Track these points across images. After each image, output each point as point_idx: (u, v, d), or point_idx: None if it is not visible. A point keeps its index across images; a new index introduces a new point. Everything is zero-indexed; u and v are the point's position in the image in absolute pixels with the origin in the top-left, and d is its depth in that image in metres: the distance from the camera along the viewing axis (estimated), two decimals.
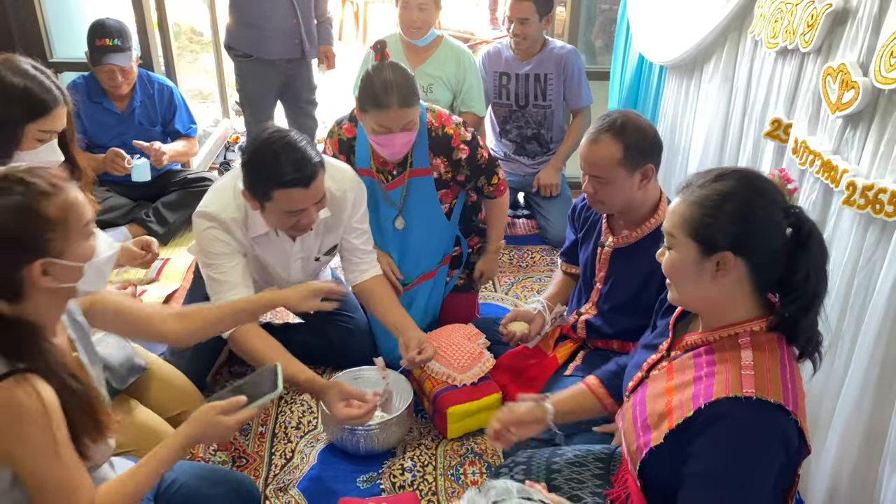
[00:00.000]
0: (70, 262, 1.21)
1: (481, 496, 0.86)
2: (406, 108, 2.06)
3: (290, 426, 2.16)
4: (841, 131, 1.63)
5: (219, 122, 4.67)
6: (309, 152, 1.82)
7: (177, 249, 3.23)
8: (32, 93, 1.66)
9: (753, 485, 1.16)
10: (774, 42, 1.88)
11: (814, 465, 1.77)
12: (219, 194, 1.99)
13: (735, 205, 1.21)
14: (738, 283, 1.24)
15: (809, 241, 1.21)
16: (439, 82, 3.05)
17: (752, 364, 1.20)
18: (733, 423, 1.16)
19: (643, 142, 1.82)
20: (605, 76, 3.50)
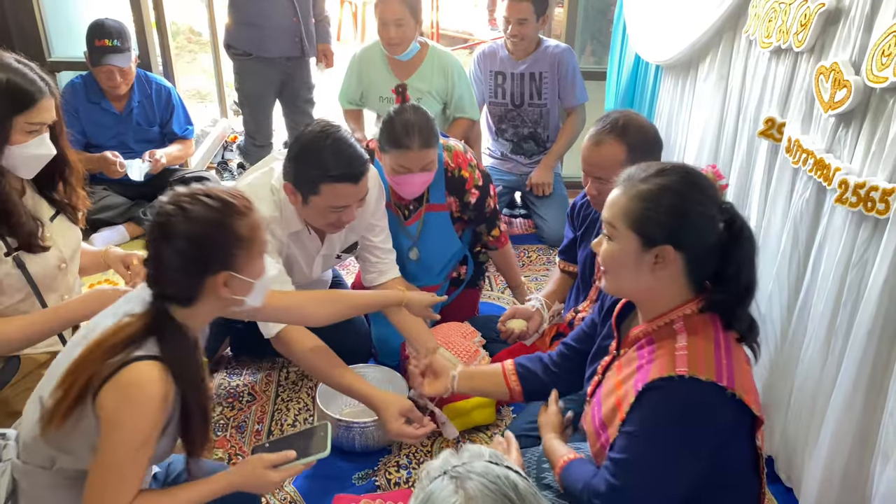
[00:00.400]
0: (247, 278, 1.34)
1: (455, 457, 0.89)
2: (426, 150, 2.10)
3: (286, 423, 2.17)
4: (833, 130, 1.64)
5: (217, 121, 4.68)
6: (359, 149, 1.84)
7: None
8: (17, 85, 1.64)
9: (677, 449, 1.23)
10: (768, 41, 1.89)
11: (807, 459, 1.78)
12: (257, 193, 1.94)
13: (676, 200, 1.26)
14: (675, 276, 1.29)
15: (741, 236, 1.27)
16: (428, 96, 3.01)
17: (685, 345, 1.25)
18: (664, 393, 1.23)
19: (645, 141, 1.83)
20: (601, 76, 3.51)
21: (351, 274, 2.97)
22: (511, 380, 1.71)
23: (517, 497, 0.83)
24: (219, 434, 2.12)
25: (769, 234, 1.92)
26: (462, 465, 0.87)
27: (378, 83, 3.04)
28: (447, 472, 0.86)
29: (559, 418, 1.58)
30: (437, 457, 0.92)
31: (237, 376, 2.37)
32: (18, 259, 1.72)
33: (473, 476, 0.84)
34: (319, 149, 1.79)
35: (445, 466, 0.88)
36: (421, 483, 0.89)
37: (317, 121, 1.88)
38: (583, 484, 1.33)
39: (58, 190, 1.85)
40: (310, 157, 1.80)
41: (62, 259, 1.84)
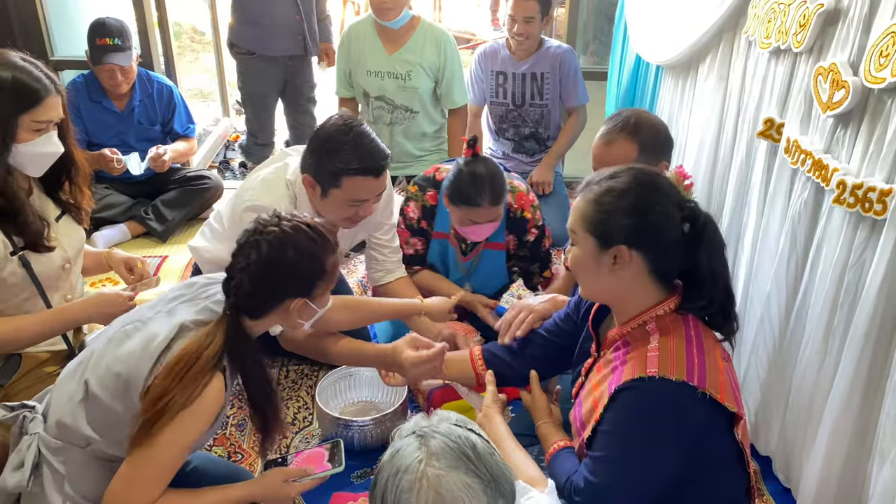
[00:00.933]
0: (317, 308, 1.46)
1: (425, 419, 0.98)
2: (496, 207, 2.09)
3: (285, 422, 2.17)
4: (832, 130, 1.64)
5: (219, 120, 4.69)
6: (380, 143, 1.85)
7: (175, 247, 3.25)
8: (22, 83, 1.64)
9: (649, 447, 1.26)
10: (767, 42, 1.90)
11: (804, 459, 1.79)
12: (271, 188, 1.95)
13: (628, 200, 1.29)
14: (638, 275, 1.32)
15: (704, 234, 1.29)
16: (418, 68, 2.97)
17: (657, 346, 1.28)
18: (635, 393, 1.26)
19: (657, 140, 1.84)
20: (602, 76, 3.51)
21: (352, 273, 2.98)
22: (477, 364, 1.73)
23: (475, 455, 0.92)
24: (218, 432, 2.12)
25: (768, 235, 1.92)
26: (428, 425, 0.96)
27: (367, 55, 3.00)
28: (415, 432, 0.95)
29: (545, 399, 1.61)
30: (410, 421, 1.00)
31: None
32: (24, 258, 1.72)
33: (437, 435, 0.93)
34: (342, 142, 1.80)
35: (415, 427, 0.97)
36: (393, 441, 0.98)
37: (338, 114, 1.89)
38: (566, 478, 1.36)
39: (63, 189, 1.85)
40: (332, 150, 1.81)
41: (67, 259, 1.85)
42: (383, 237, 2.20)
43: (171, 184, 3.36)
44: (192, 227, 3.42)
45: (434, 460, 0.89)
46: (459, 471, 0.89)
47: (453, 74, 3.04)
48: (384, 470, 0.92)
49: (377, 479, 0.93)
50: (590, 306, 1.53)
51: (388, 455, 0.93)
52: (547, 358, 1.68)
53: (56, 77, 1.73)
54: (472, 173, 2.05)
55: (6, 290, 1.71)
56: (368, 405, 2.18)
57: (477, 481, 0.89)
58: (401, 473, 0.89)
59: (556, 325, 1.66)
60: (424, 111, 3.08)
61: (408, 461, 0.90)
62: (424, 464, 0.89)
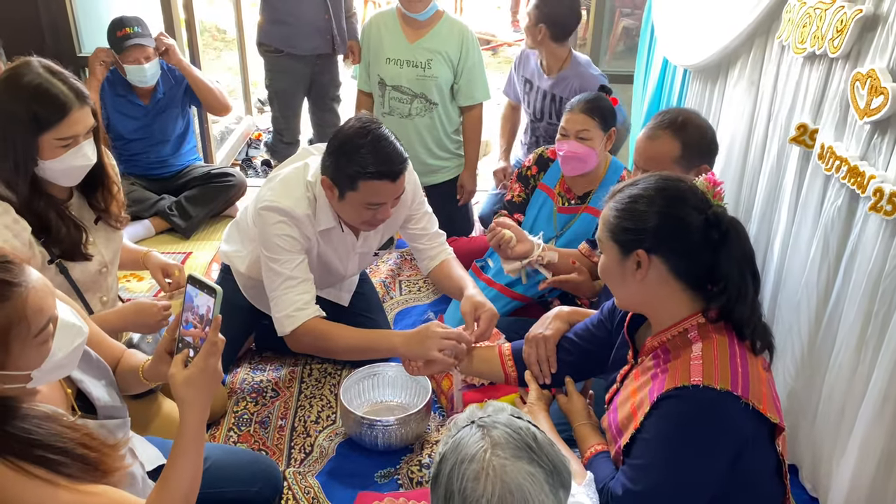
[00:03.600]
0: (12, 373, 1.12)
1: (480, 410, 0.99)
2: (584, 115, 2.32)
3: (309, 420, 2.18)
4: (868, 137, 1.62)
5: (241, 119, 4.71)
6: (399, 146, 1.84)
7: (199, 244, 3.27)
8: (40, 103, 1.60)
9: (693, 457, 1.24)
10: (802, 47, 1.88)
11: (833, 469, 1.77)
12: (290, 188, 1.95)
13: (645, 205, 1.30)
14: (664, 281, 1.31)
15: (728, 239, 1.28)
16: (439, 57, 2.93)
17: (700, 355, 1.27)
18: (680, 402, 1.25)
19: (702, 141, 1.83)
20: (628, 80, 3.49)
21: (374, 274, 2.98)
22: (507, 365, 1.75)
23: (537, 446, 0.92)
24: (242, 429, 2.13)
25: (798, 242, 1.90)
26: (487, 416, 0.96)
27: (386, 43, 2.98)
28: (474, 422, 0.95)
29: (583, 403, 1.61)
30: (465, 412, 1.01)
31: (261, 372, 2.39)
32: (61, 265, 1.74)
33: (499, 425, 0.93)
34: (359, 145, 1.79)
35: (472, 417, 0.97)
36: (449, 433, 0.98)
37: (357, 116, 1.88)
38: (602, 484, 1.35)
39: (96, 196, 1.86)
40: (349, 153, 1.81)
41: (104, 264, 1.86)
42: (418, 226, 2.19)
43: (194, 181, 3.39)
44: (216, 224, 3.44)
45: (498, 450, 0.90)
46: (523, 460, 0.90)
47: (474, 67, 2.99)
48: (447, 460, 0.92)
49: (439, 469, 0.93)
50: (625, 314, 1.53)
51: (451, 446, 0.93)
52: (576, 363, 1.67)
53: (82, 86, 1.71)
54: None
55: None
56: (392, 405, 2.19)
57: (540, 471, 0.90)
58: (466, 463, 0.89)
59: (588, 331, 1.66)
60: (443, 104, 3.02)
61: (472, 451, 0.90)
62: (490, 453, 0.90)
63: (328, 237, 2.04)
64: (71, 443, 1.14)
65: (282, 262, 1.92)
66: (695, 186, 1.34)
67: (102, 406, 1.33)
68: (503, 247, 2.13)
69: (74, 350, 1.20)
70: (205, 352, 1.21)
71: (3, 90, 1.63)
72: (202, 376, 1.21)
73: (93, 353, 1.37)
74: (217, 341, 1.21)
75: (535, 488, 0.88)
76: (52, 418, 1.17)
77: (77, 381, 1.32)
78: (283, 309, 1.90)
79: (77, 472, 1.13)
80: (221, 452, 1.72)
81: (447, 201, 3.11)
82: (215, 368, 1.22)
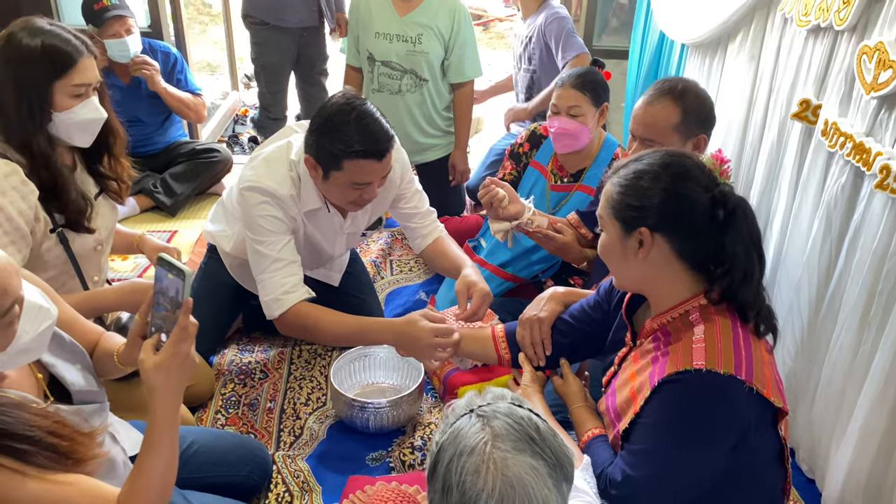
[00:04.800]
0: None
1: (479, 397, 0.95)
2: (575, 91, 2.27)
3: (298, 402, 2.14)
4: (875, 112, 1.57)
5: (227, 94, 4.62)
6: (385, 124, 1.77)
7: (184, 222, 3.20)
8: (53, 48, 1.58)
9: (695, 442, 1.20)
10: (806, 20, 1.82)
11: (832, 451, 1.74)
12: (273, 168, 1.88)
13: (650, 181, 1.25)
14: (667, 261, 1.27)
15: (734, 218, 1.24)
16: (429, 32, 2.85)
17: (702, 338, 1.23)
18: (682, 387, 1.20)
19: (701, 109, 1.78)
20: (623, 55, 3.43)
21: (365, 253, 2.93)
22: (501, 346, 1.70)
23: (539, 437, 0.88)
24: (230, 412, 2.09)
25: (799, 220, 1.87)
26: (487, 405, 0.91)
27: (376, 17, 2.89)
28: (473, 411, 0.90)
29: (579, 385, 1.57)
30: (463, 398, 0.96)
31: (249, 353, 2.34)
32: (62, 235, 1.69)
33: (499, 415, 0.89)
34: (344, 122, 1.72)
35: (471, 405, 0.92)
36: (446, 420, 0.93)
37: (341, 92, 1.80)
38: (600, 469, 1.31)
39: (103, 162, 1.80)
40: (333, 131, 1.73)
41: (100, 241, 1.81)
42: (408, 205, 2.12)
43: (179, 157, 3.31)
44: (202, 202, 3.37)
45: (499, 442, 0.85)
46: (525, 453, 0.85)
47: (466, 42, 2.91)
48: (445, 451, 0.88)
49: (437, 459, 0.89)
50: (623, 295, 1.48)
51: (449, 436, 0.89)
52: (572, 344, 1.63)
53: (87, 39, 1.67)
54: None
55: (40, 265, 1.67)
56: (384, 387, 2.14)
57: (542, 463, 0.86)
58: (465, 455, 0.85)
59: (584, 312, 1.61)
60: (434, 81, 2.95)
61: (472, 443, 0.86)
62: (490, 446, 0.85)
63: (314, 218, 1.98)
64: (40, 431, 1.08)
65: (267, 243, 1.86)
66: (702, 163, 1.29)
67: (77, 391, 1.27)
68: (495, 205, 2.06)
69: (42, 333, 1.14)
70: (175, 337, 1.14)
71: (14, 38, 1.59)
72: (173, 362, 1.14)
73: (66, 335, 1.31)
74: (188, 325, 1.14)
75: (538, 483, 0.84)
76: (20, 405, 1.10)
77: (49, 365, 1.25)
78: (271, 292, 1.85)
79: (47, 461, 1.07)
80: (209, 436, 1.68)
81: (438, 180, 3.04)
82: (187, 354, 1.15)
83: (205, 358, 2.15)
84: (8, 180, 1.57)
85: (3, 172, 1.56)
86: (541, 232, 2.08)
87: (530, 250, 2.44)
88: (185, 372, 1.16)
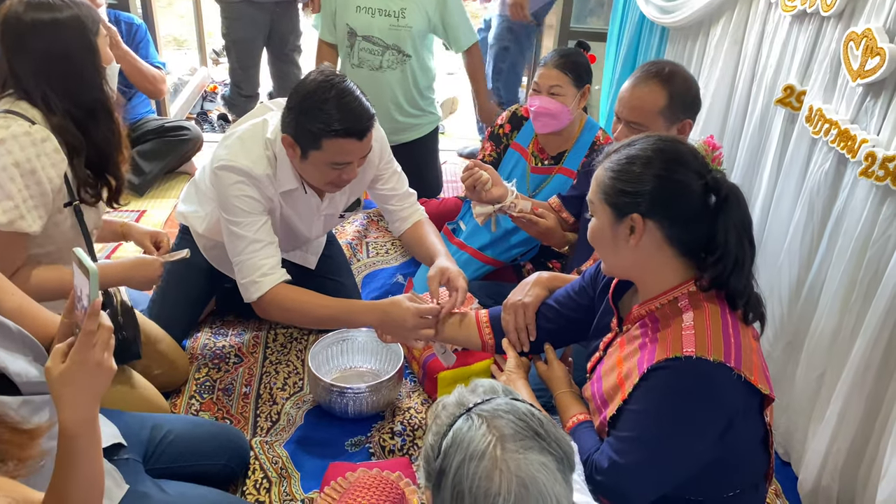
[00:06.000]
0: None
1: (472, 393, 0.91)
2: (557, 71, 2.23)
3: (275, 387, 2.10)
4: (860, 100, 1.58)
5: (196, 70, 4.49)
6: (365, 101, 1.71)
7: (154, 201, 3.11)
8: (83, 7, 1.60)
9: (683, 429, 1.20)
10: (792, 5, 1.82)
11: (810, 436, 1.77)
12: (248, 146, 1.81)
13: (643, 168, 1.23)
14: (658, 248, 1.26)
15: (727, 205, 1.23)
16: (413, 5, 2.78)
17: (692, 324, 1.22)
18: (672, 374, 1.20)
19: (687, 94, 1.77)
20: (601, 37, 3.40)
21: (341, 234, 2.88)
22: (485, 332, 1.67)
23: (545, 432, 0.85)
24: (205, 397, 2.04)
25: (780, 206, 1.87)
26: (484, 402, 0.88)
27: None
28: (471, 410, 0.87)
29: (563, 370, 1.56)
30: (453, 394, 0.92)
31: (223, 337, 2.28)
32: (78, 209, 1.64)
33: (502, 414, 0.86)
34: (322, 100, 1.66)
35: (466, 403, 0.88)
36: (438, 419, 0.89)
37: (319, 69, 1.74)
38: (586, 455, 1.30)
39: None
40: (312, 109, 1.67)
41: (95, 224, 1.74)
42: (386, 186, 2.07)
43: (148, 135, 3.20)
44: (171, 181, 3.28)
45: (508, 443, 0.83)
46: (534, 451, 0.83)
47: (455, 11, 2.85)
48: (451, 457, 0.84)
49: (443, 466, 0.85)
50: (608, 280, 1.47)
51: (452, 441, 0.85)
52: (556, 330, 1.61)
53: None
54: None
55: (43, 239, 1.62)
56: (362, 372, 2.11)
57: (551, 459, 0.84)
58: (475, 461, 0.82)
59: (569, 297, 1.60)
60: (417, 57, 2.88)
61: (480, 447, 0.83)
62: (500, 448, 0.82)
63: (291, 199, 1.93)
64: None
65: (243, 224, 1.80)
66: (694, 149, 1.28)
67: (25, 382, 1.15)
68: (478, 188, 2.03)
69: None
70: (80, 343, 0.99)
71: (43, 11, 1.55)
72: (80, 371, 0.99)
73: (11, 325, 1.19)
74: (93, 330, 0.99)
75: (550, 479, 0.82)
76: None
77: None
78: (248, 275, 1.80)
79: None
80: (185, 425, 1.63)
81: (417, 161, 2.98)
82: (98, 362, 1.00)
83: (177, 342, 2.09)
84: (43, 146, 1.53)
85: (39, 137, 1.52)
86: (524, 217, 2.06)
87: (510, 233, 2.42)
88: (97, 381, 1.02)
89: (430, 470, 0.88)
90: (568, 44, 3.47)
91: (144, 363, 1.85)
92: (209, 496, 1.50)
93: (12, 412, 1.07)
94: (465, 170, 2.04)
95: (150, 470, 1.48)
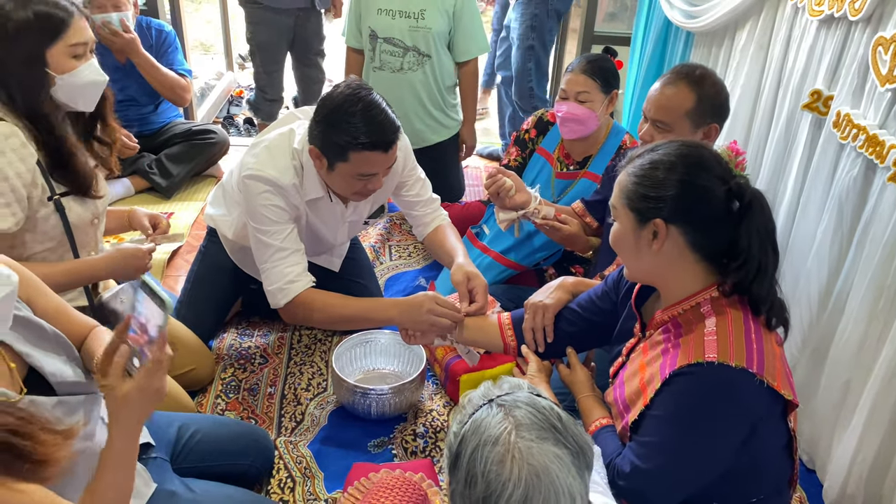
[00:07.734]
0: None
1: (496, 387, 0.95)
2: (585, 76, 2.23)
3: (299, 388, 2.12)
4: (889, 105, 1.56)
5: (222, 75, 4.55)
6: (391, 114, 1.74)
7: (181, 204, 3.16)
8: (43, 14, 1.57)
9: (706, 435, 1.20)
10: (819, 9, 1.81)
11: (835, 443, 1.75)
12: (276, 156, 1.84)
13: (665, 172, 1.23)
14: (680, 253, 1.25)
15: (750, 211, 1.22)
16: (433, 7, 2.79)
17: (714, 330, 1.22)
18: (694, 380, 1.19)
19: (716, 98, 1.76)
20: (625, 41, 3.40)
21: (365, 238, 2.90)
22: (507, 335, 1.68)
23: (562, 426, 0.87)
24: (230, 397, 2.07)
25: (807, 211, 1.86)
26: (506, 394, 0.91)
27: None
28: (493, 401, 0.90)
29: (586, 374, 1.56)
30: (479, 389, 0.95)
31: (248, 337, 2.31)
32: (59, 204, 1.66)
33: (521, 405, 0.88)
34: (350, 113, 1.69)
35: (490, 395, 0.91)
36: (463, 411, 0.92)
37: (346, 82, 1.77)
38: (608, 460, 1.30)
39: (97, 130, 1.78)
40: (339, 122, 1.70)
41: (97, 214, 1.78)
42: (411, 192, 2.10)
43: (175, 138, 3.25)
44: (198, 184, 3.33)
45: (523, 431, 0.85)
46: (549, 442, 0.85)
47: (473, 16, 2.85)
48: (467, 441, 0.87)
49: (459, 450, 0.88)
50: (631, 285, 1.47)
51: (471, 426, 0.88)
52: (578, 333, 1.62)
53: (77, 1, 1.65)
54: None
55: (38, 235, 1.65)
56: (385, 374, 2.13)
57: (566, 452, 0.85)
58: (489, 445, 0.85)
59: (591, 302, 1.60)
60: (437, 57, 2.89)
61: (495, 432, 0.85)
62: (514, 435, 0.85)
63: (316, 207, 1.96)
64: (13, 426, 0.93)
65: (270, 233, 1.83)
66: (718, 155, 1.27)
67: (60, 382, 1.19)
68: (502, 195, 2.04)
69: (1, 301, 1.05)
70: (148, 371, 1.07)
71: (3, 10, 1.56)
72: (142, 396, 1.07)
73: (47, 326, 1.23)
74: (162, 359, 1.08)
75: (563, 471, 0.83)
76: None
77: (24, 354, 1.16)
78: (275, 282, 1.82)
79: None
80: (211, 424, 1.66)
81: (440, 165, 3.00)
82: (158, 389, 1.09)
83: (204, 341, 2.13)
84: (7, 142, 1.55)
85: (2, 134, 1.54)
86: (547, 223, 2.06)
87: (533, 237, 2.43)
88: (152, 406, 1.10)
89: (449, 454, 0.90)
90: (592, 48, 3.49)
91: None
92: (235, 495, 1.52)
93: (47, 412, 1.11)
94: (489, 176, 2.05)
95: (177, 469, 1.51)
